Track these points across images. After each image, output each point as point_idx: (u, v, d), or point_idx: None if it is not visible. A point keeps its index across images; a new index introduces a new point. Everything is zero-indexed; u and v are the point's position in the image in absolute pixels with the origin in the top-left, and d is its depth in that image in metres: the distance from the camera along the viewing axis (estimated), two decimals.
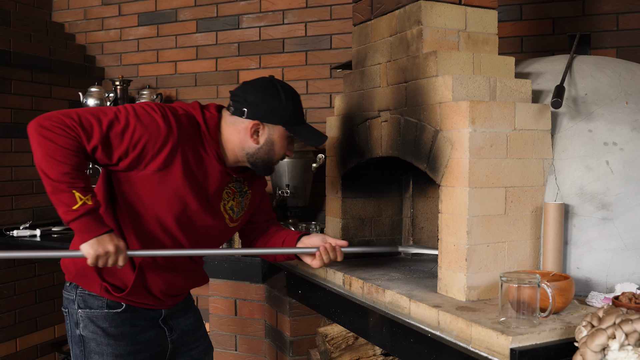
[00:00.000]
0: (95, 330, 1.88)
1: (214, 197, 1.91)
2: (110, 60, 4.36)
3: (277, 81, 1.93)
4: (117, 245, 1.70)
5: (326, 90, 3.69)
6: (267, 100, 1.87)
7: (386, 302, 1.92)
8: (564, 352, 1.47)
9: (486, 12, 2.07)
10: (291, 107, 1.89)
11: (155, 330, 1.98)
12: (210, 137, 1.87)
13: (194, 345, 2.12)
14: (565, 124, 1.92)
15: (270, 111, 1.87)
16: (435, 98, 1.88)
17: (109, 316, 1.88)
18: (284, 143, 1.93)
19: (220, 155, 1.89)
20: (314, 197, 3.49)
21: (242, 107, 1.87)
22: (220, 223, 1.96)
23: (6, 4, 3.99)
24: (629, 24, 3.04)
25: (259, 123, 1.87)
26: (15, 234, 3.40)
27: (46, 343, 3.82)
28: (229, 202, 1.97)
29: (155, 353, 1.98)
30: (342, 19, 3.66)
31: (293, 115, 1.89)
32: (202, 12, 4.05)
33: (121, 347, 1.89)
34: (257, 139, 1.88)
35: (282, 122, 1.88)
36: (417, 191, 2.53)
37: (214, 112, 1.91)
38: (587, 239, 1.83)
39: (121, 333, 1.89)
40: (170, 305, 2.03)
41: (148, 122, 1.76)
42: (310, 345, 2.94)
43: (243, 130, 1.88)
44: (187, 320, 2.10)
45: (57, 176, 1.65)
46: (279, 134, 1.90)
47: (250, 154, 1.91)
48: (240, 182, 2.00)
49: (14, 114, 3.67)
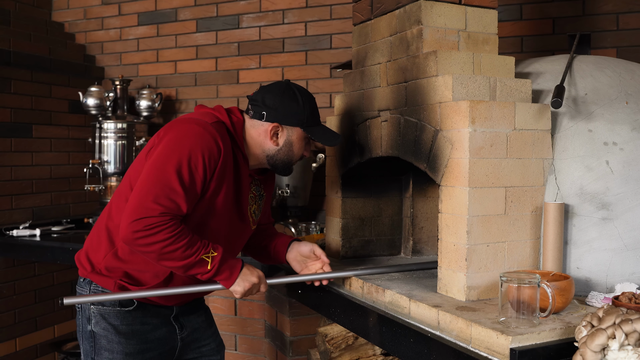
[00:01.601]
0: (107, 327, 1.91)
1: (244, 201, 1.99)
2: (110, 60, 4.36)
3: (294, 85, 2.01)
4: (259, 276, 1.88)
5: (326, 90, 3.69)
6: (286, 103, 1.95)
7: (386, 302, 1.92)
8: (564, 352, 1.47)
9: (486, 12, 2.07)
10: (308, 109, 1.98)
11: (165, 329, 2.01)
12: (238, 139, 1.94)
13: (204, 343, 2.14)
14: (565, 123, 1.92)
15: (289, 114, 1.95)
16: (435, 98, 1.88)
17: (121, 314, 1.92)
18: (302, 144, 2.02)
19: (246, 158, 1.97)
20: (314, 196, 3.49)
21: (262, 111, 1.95)
22: (247, 226, 2.05)
23: (6, 3, 3.99)
24: (629, 24, 3.04)
25: (278, 125, 1.96)
26: (14, 233, 3.40)
27: (46, 343, 3.82)
28: (252, 206, 2.06)
29: (164, 351, 2.01)
30: (342, 19, 3.66)
31: (310, 117, 1.99)
32: (202, 12, 4.05)
33: (131, 345, 1.92)
34: (277, 140, 1.97)
35: (300, 124, 1.97)
36: (417, 191, 2.53)
37: (239, 116, 1.98)
38: (587, 239, 1.83)
39: (132, 331, 1.93)
40: (183, 302, 2.06)
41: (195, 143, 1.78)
42: (310, 345, 2.94)
43: (263, 132, 1.96)
44: (199, 318, 2.13)
45: (181, 260, 1.75)
46: (297, 135, 1.99)
47: (270, 156, 1.99)
48: (258, 185, 2.08)
49: (14, 114, 3.67)
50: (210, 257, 1.78)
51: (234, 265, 1.84)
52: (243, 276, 1.85)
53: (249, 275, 1.86)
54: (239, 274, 1.84)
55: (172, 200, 1.72)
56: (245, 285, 1.85)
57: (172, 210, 1.72)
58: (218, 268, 1.79)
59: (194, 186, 1.77)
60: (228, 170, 1.86)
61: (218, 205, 1.87)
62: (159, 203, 1.70)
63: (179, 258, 1.74)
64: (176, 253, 1.73)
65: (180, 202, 1.73)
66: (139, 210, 1.70)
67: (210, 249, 1.78)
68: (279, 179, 3.37)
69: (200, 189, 1.79)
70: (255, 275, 1.87)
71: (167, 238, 1.71)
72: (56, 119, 3.96)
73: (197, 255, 1.75)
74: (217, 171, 1.81)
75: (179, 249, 1.73)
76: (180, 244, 1.73)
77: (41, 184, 3.85)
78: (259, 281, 1.88)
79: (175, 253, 1.73)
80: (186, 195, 1.74)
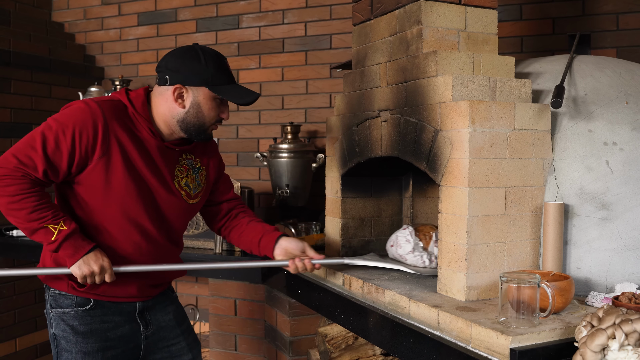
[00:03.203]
0: (65, 328, 1.92)
1: (165, 174, 1.94)
2: (110, 60, 4.36)
3: (199, 46, 1.95)
4: (102, 265, 1.81)
5: (326, 90, 3.69)
6: (187, 63, 1.89)
7: (386, 302, 1.92)
8: (564, 352, 1.47)
9: (486, 12, 2.07)
10: (212, 67, 1.90)
11: (129, 326, 1.98)
12: (139, 115, 1.90)
13: (173, 342, 2.09)
14: (565, 124, 1.92)
15: (191, 73, 1.89)
16: (435, 98, 1.88)
17: (78, 314, 1.91)
18: (212, 105, 1.93)
19: (154, 131, 1.92)
20: (314, 197, 3.49)
21: (165, 75, 1.90)
22: (178, 200, 1.98)
23: (6, 3, 3.99)
24: (629, 24, 3.04)
25: (181, 87, 1.89)
26: (14, 233, 3.40)
27: (46, 343, 3.82)
28: (183, 178, 2.00)
29: (127, 349, 1.98)
30: (342, 19, 3.65)
31: (215, 75, 1.90)
32: (202, 12, 4.05)
33: (89, 344, 1.91)
34: (183, 102, 1.91)
35: (204, 83, 1.89)
36: (417, 191, 2.53)
37: (139, 92, 1.95)
38: (587, 239, 1.83)
39: (90, 330, 1.92)
40: (146, 297, 2.02)
41: (70, 115, 1.81)
42: (310, 345, 2.94)
43: (169, 97, 1.90)
44: (166, 316, 2.08)
45: (24, 221, 1.76)
46: (204, 95, 1.91)
47: (180, 120, 1.92)
48: (191, 159, 2.04)
49: (14, 114, 3.67)
50: (58, 229, 1.76)
51: (80, 246, 1.80)
52: (86, 259, 1.79)
53: (91, 262, 1.79)
54: (82, 257, 1.79)
55: (30, 157, 1.75)
56: (84, 270, 1.79)
57: (26, 167, 1.74)
58: (61, 242, 1.77)
59: (57, 155, 1.77)
60: (119, 145, 1.84)
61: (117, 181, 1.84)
62: (16, 157, 1.75)
63: (23, 219, 1.75)
64: (21, 212, 1.75)
65: (37, 161, 1.75)
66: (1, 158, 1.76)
67: (60, 221, 1.77)
68: (279, 179, 3.37)
69: (67, 162, 1.78)
70: (98, 264, 1.80)
71: (15, 194, 1.73)
72: None
73: (41, 222, 1.75)
74: (97, 147, 1.80)
75: (24, 209, 1.74)
76: (27, 205, 1.74)
77: None
78: (99, 271, 1.80)
79: (20, 212, 1.75)
80: (45, 158, 1.76)
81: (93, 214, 1.87)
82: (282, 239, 2.05)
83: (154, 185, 1.91)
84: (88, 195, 1.85)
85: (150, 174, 1.90)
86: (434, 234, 2.20)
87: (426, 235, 2.21)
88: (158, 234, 1.95)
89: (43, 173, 1.76)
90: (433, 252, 2.17)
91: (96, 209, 1.86)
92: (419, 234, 2.21)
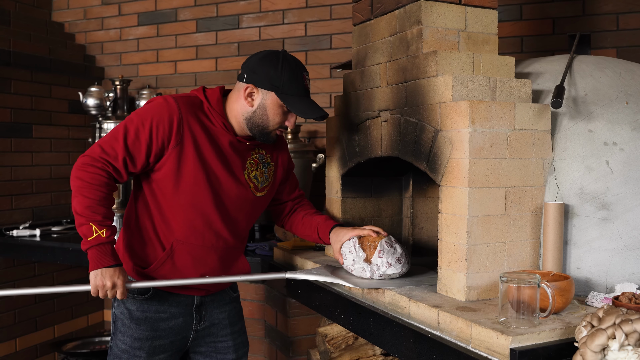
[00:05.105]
0: (124, 310, 2.05)
1: (235, 166, 2.03)
2: (110, 60, 4.36)
3: (284, 54, 2.02)
4: (115, 282, 1.85)
5: (326, 90, 3.69)
6: (264, 66, 1.98)
7: (386, 302, 1.92)
8: (564, 352, 1.47)
9: (486, 12, 2.07)
10: (286, 76, 1.97)
11: (182, 319, 2.08)
12: (213, 110, 2.00)
13: (221, 339, 2.17)
14: (565, 124, 1.92)
15: (264, 77, 1.97)
16: (435, 98, 1.88)
17: (138, 300, 2.04)
18: (278, 111, 2.01)
19: (227, 125, 2.02)
20: (314, 197, 3.49)
21: (244, 73, 2.01)
22: (246, 192, 2.07)
23: (6, 3, 3.99)
24: (629, 24, 3.04)
25: (252, 87, 1.98)
26: (15, 233, 3.40)
27: (46, 343, 3.82)
28: (253, 171, 2.09)
29: (176, 340, 2.08)
30: (342, 19, 3.66)
31: (286, 84, 1.97)
32: (202, 12, 4.05)
33: (141, 331, 2.03)
34: (252, 102, 2.00)
35: (274, 89, 1.97)
36: (417, 191, 2.53)
37: (215, 90, 2.06)
38: (587, 239, 1.83)
39: (144, 318, 2.03)
40: (205, 292, 2.10)
41: (150, 110, 1.94)
42: (310, 345, 2.94)
43: (242, 94, 2.00)
44: (221, 314, 2.17)
45: (80, 210, 1.85)
46: (271, 100, 1.99)
47: (247, 118, 2.02)
48: (262, 154, 2.13)
49: (14, 114, 3.67)
50: (99, 233, 1.84)
51: (106, 258, 1.85)
52: (104, 272, 1.84)
53: (107, 276, 1.84)
54: (102, 268, 1.84)
55: (112, 147, 1.89)
56: (97, 281, 1.84)
57: (108, 156, 1.88)
58: (94, 246, 1.83)
59: (136, 145, 1.90)
60: (192, 137, 1.94)
61: (188, 169, 1.94)
62: (101, 147, 1.90)
63: (83, 206, 1.84)
64: (85, 200, 1.84)
65: (118, 151, 1.88)
66: (89, 149, 1.91)
67: (104, 228, 1.84)
68: None
69: (145, 152, 1.91)
70: (112, 280, 1.84)
71: (90, 181, 1.85)
72: (56, 119, 3.96)
73: (90, 218, 1.84)
74: (172, 138, 1.92)
75: (89, 199, 1.84)
76: (93, 195, 1.85)
77: (41, 184, 3.85)
78: (111, 286, 1.85)
79: (84, 199, 1.84)
80: (125, 148, 1.89)
81: (163, 203, 1.98)
82: (337, 228, 2.18)
83: (222, 176, 2.00)
84: (162, 183, 1.97)
85: (220, 165, 1.99)
86: (381, 242, 2.05)
87: (370, 246, 2.07)
88: (222, 226, 2.04)
89: (122, 161, 1.89)
90: (376, 263, 2.02)
91: (167, 197, 1.97)
92: (362, 244, 2.08)
